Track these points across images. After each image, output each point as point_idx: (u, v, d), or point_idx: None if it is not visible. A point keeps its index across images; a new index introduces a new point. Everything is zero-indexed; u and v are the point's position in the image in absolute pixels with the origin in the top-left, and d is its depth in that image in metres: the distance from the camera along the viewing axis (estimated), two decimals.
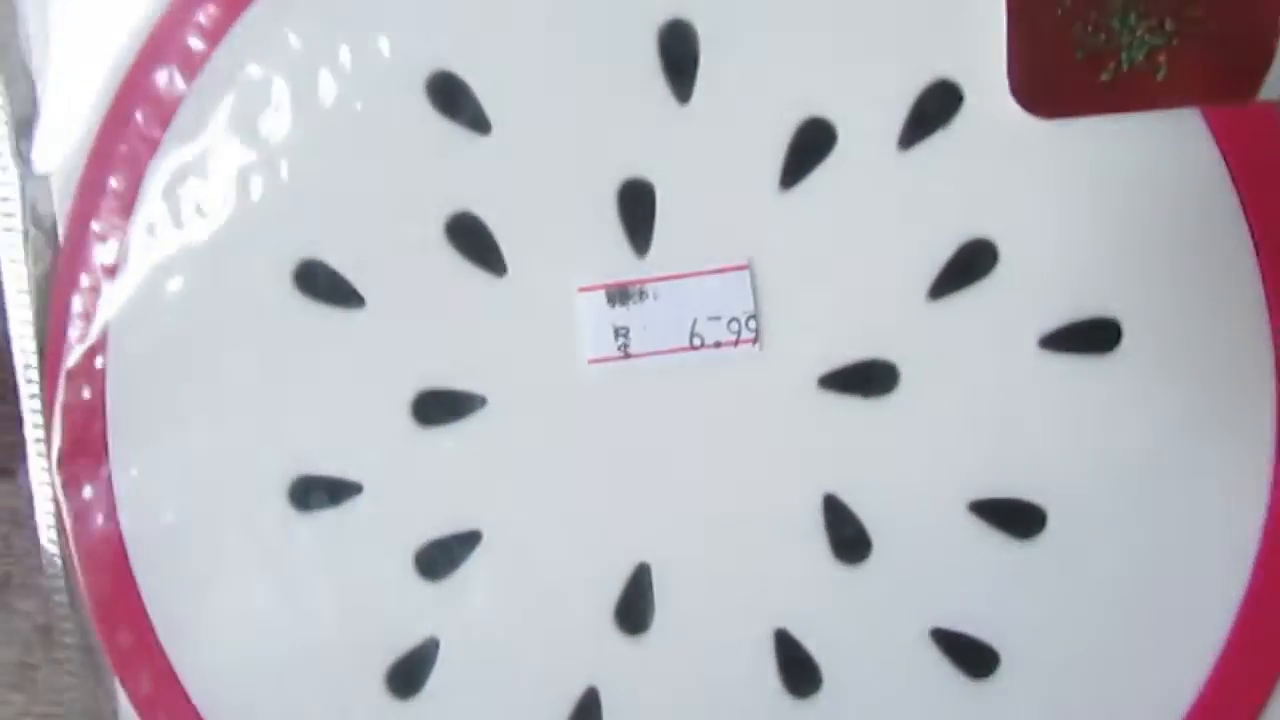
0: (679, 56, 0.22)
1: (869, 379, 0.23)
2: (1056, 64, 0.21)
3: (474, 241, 0.23)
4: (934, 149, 0.22)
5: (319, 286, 0.23)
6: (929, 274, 0.22)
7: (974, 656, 0.23)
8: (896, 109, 0.22)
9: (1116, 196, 0.22)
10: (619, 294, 0.23)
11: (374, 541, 0.23)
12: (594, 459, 0.23)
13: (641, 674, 0.23)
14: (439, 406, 0.23)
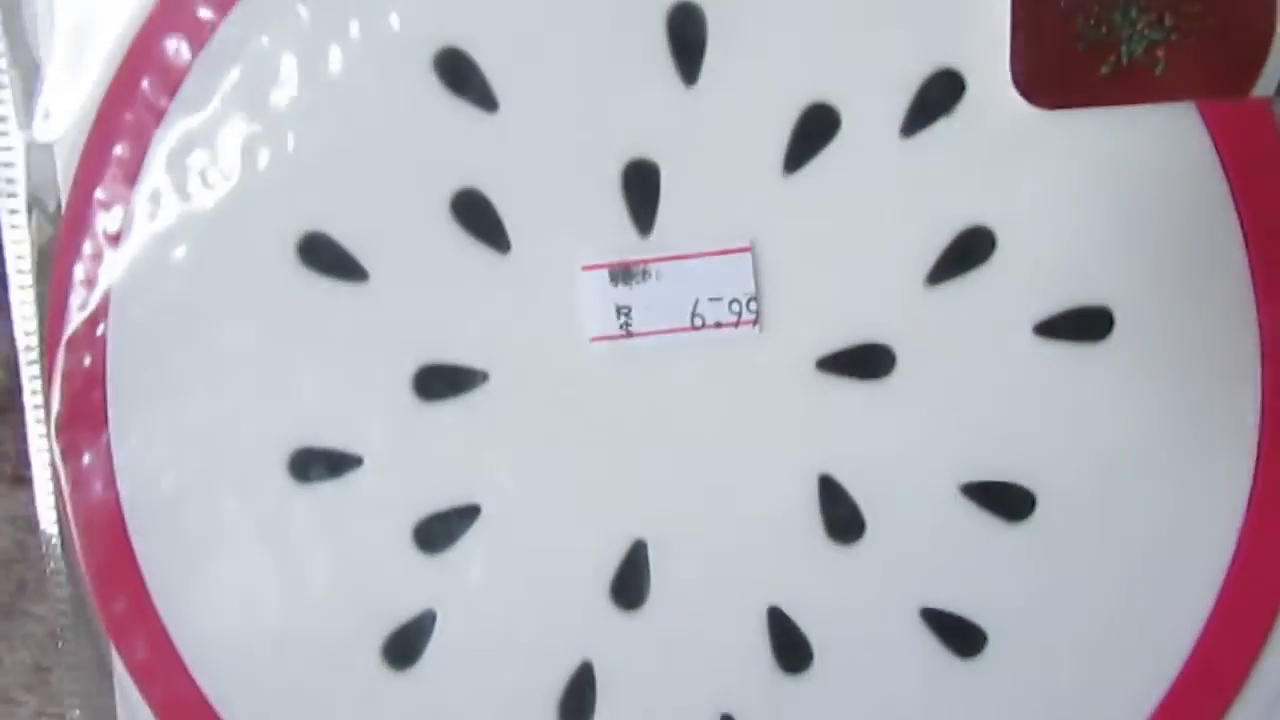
0: (687, 39, 0.22)
1: (866, 362, 0.23)
2: (1058, 55, 0.22)
3: (478, 218, 0.23)
4: (936, 137, 0.22)
5: (322, 259, 0.23)
6: (927, 260, 0.23)
7: (962, 636, 0.23)
8: (900, 96, 0.22)
9: (1113, 187, 0.22)
10: (622, 273, 0.23)
11: (373, 514, 0.24)
12: (593, 436, 0.23)
13: (636, 649, 0.24)
14: (440, 381, 0.23)
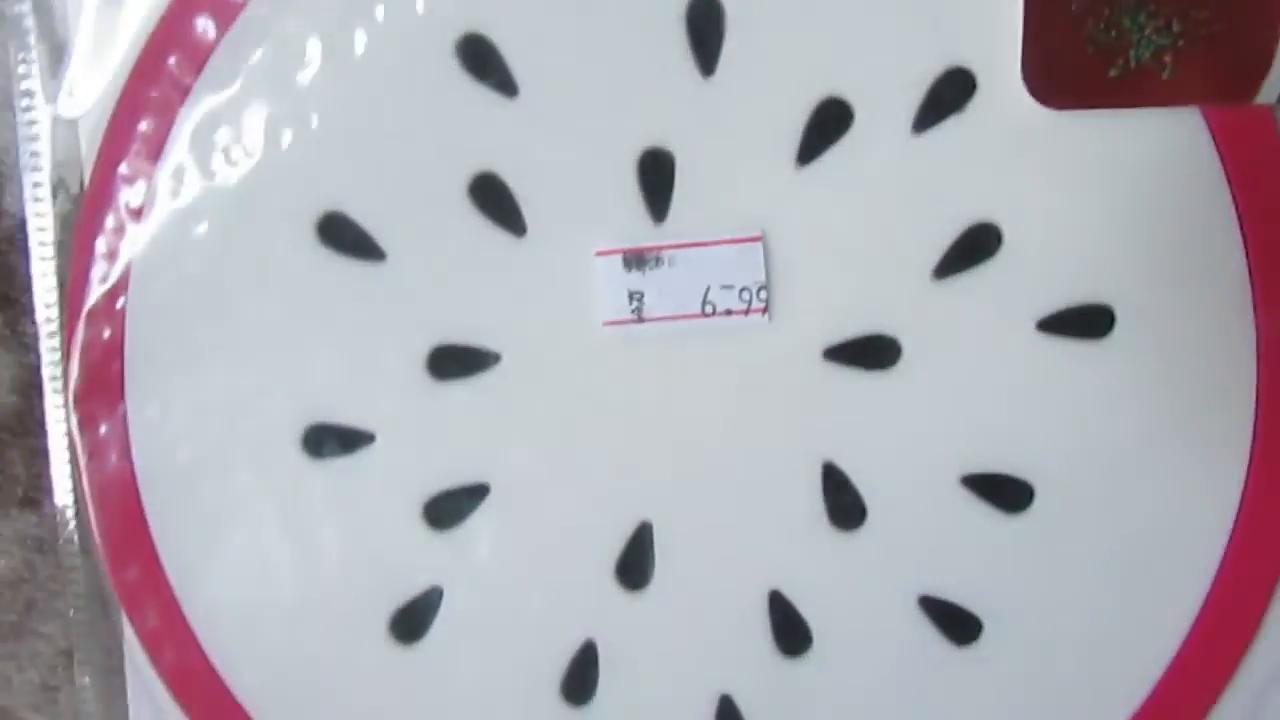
0: (705, 31, 0.23)
1: (872, 352, 0.23)
2: (1068, 57, 0.22)
3: (496, 201, 0.23)
4: (947, 134, 0.23)
5: (341, 238, 0.24)
6: (935, 254, 0.23)
7: (958, 624, 0.24)
8: (912, 93, 0.23)
9: (1117, 188, 0.23)
10: (635, 259, 0.23)
11: (384, 491, 0.24)
12: (603, 419, 0.24)
13: (639, 629, 0.24)
14: (453, 361, 0.24)
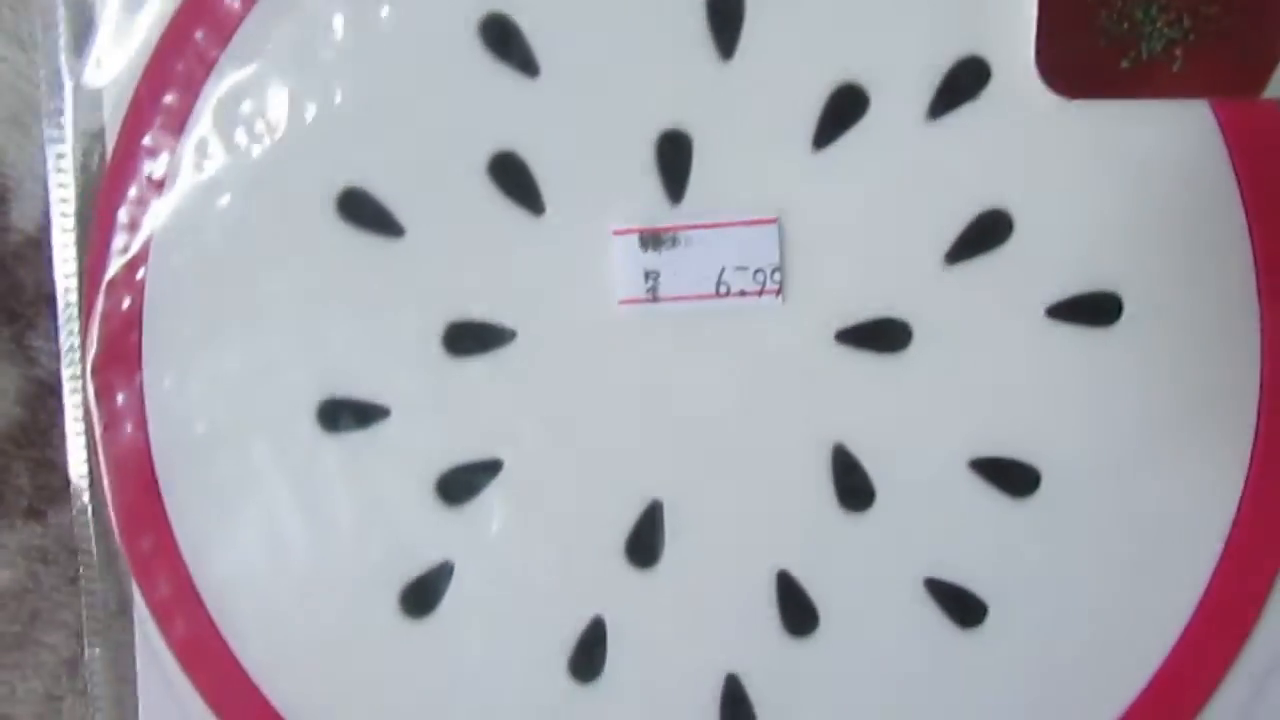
0: (725, 15, 0.23)
1: (884, 336, 0.24)
2: (1081, 48, 0.23)
3: (514, 180, 0.24)
4: (960, 121, 0.23)
5: (361, 214, 0.24)
6: (947, 239, 0.23)
7: (964, 607, 0.24)
8: (927, 80, 0.23)
9: (1128, 178, 0.23)
10: (651, 239, 0.24)
11: (397, 465, 0.24)
12: (616, 397, 0.24)
13: (647, 606, 0.24)
14: (469, 338, 0.24)
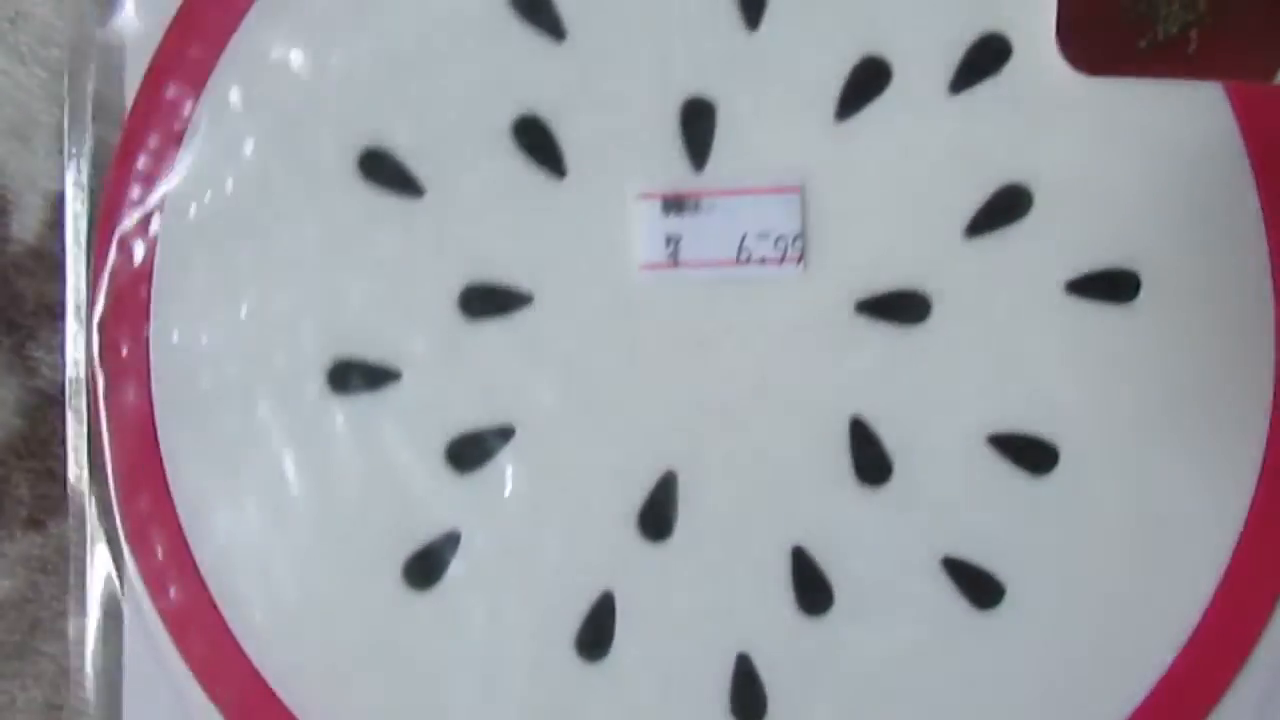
0: None
1: (903, 307, 0.24)
2: (1100, 27, 0.23)
3: (538, 143, 0.24)
4: (981, 96, 0.23)
5: (381, 173, 0.24)
6: (967, 212, 0.24)
7: (981, 587, 0.24)
8: (949, 56, 0.23)
9: (1144, 157, 0.23)
10: (674, 203, 0.24)
11: (407, 430, 0.24)
12: (633, 364, 0.24)
13: (658, 582, 0.24)
14: (486, 300, 0.24)
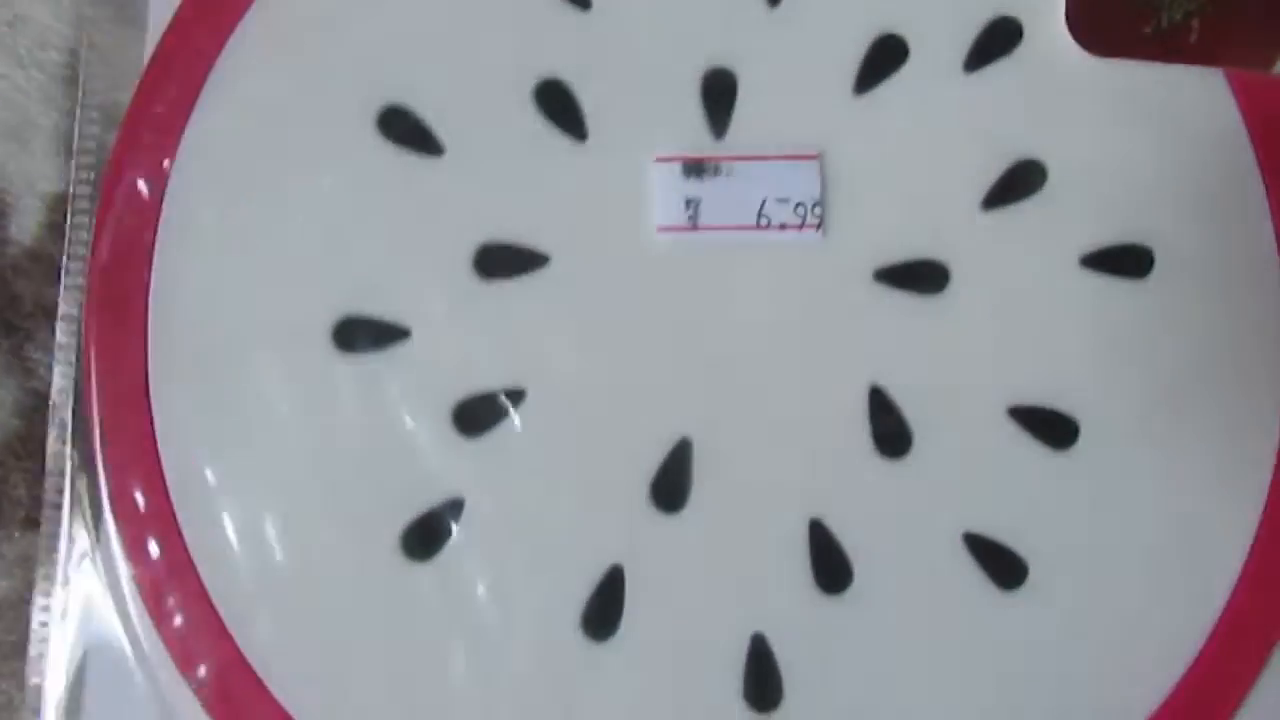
0: None
1: (922, 276, 0.24)
2: (1109, 10, 0.24)
3: (559, 107, 0.24)
4: (995, 74, 0.24)
5: (400, 131, 0.24)
6: (983, 185, 0.24)
7: (1004, 566, 0.23)
8: (964, 35, 0.24)
9: (1152, 136, 0.24)
10: (695, 167, 0.24)
11: (413, 391, 0.23)
12: (648, 328, 0.23)
13: (670, 555, 0.23)
14: (501, 260, 0.23)
